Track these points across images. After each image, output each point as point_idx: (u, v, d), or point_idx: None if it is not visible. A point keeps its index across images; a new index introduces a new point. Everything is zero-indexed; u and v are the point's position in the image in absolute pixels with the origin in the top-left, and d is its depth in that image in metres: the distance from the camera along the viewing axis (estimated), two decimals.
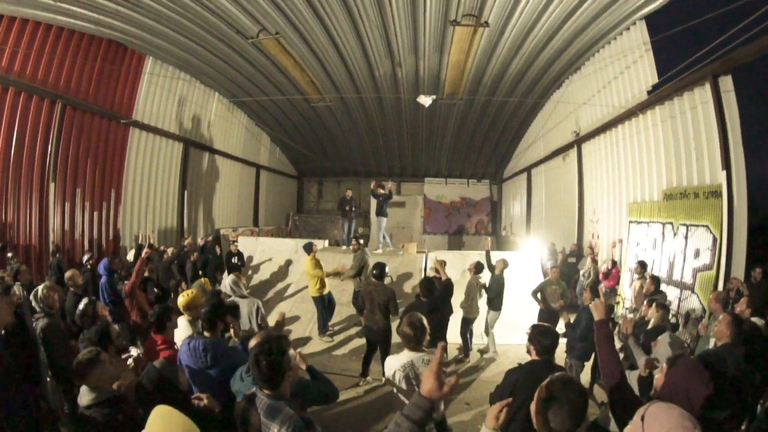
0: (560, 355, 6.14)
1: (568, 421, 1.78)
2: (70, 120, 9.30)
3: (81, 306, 4.42)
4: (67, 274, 5.75)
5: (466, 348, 7.69)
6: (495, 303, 7.70)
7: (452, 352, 7.69)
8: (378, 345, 6.27)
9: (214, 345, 3.34)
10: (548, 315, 7.05)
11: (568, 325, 5.91)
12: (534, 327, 3.31)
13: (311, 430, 2.10)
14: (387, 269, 6.76)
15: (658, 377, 2.57)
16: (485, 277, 7.90)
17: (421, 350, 3.41)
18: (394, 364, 3.40)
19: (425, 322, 3.46)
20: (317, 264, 8.07)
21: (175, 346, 3.84)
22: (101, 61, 9.75)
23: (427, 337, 3.47)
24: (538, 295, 7.48)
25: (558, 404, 1.79)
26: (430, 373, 1.59)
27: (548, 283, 7.62)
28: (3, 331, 3.28)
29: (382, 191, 11.07)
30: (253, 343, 3.19)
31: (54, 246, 8.90)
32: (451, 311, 6.63)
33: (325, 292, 8.07)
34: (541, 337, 3.15)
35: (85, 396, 2.65)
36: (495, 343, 7.85)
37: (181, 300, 4.45)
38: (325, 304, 8.11)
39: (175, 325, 4.08)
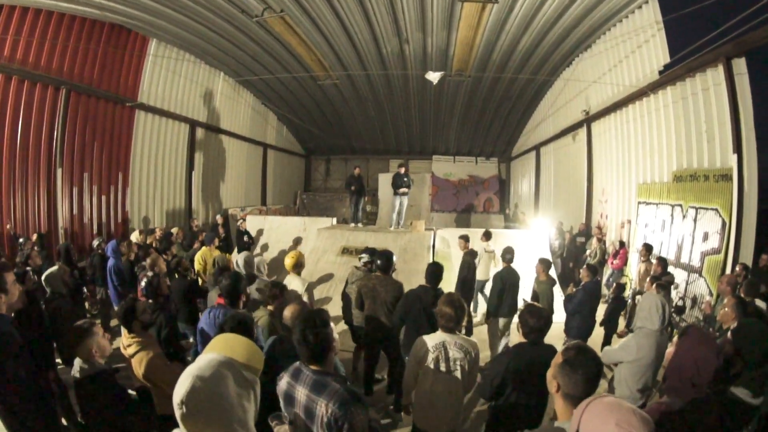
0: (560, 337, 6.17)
1: (581, 386, 1.79)
2: (75, 105, 9.30)
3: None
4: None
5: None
6: (499, 306, 6.22)
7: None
8: (381, 349, 5.22)
9: None
10: None
11: (566, 296, 5.73)
12: (526, 305, 3.21)
13: (359, 404, 2.05)
14: (395, 259, 5.44)
15: (669, 350, 2.53)
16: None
17: (455, 333, 3.27)
18: (427, 343, 3.26)
19: (464, 302, 3.33)
20: None
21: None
22: (104, 45, 9.68)
23: (466, 318, 3.34)
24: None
25: (572, 369, 1.80)
26: None
27: (535, 282, 6.52)
28: (13, 314, 3.34)
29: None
30: (287, 315, 3.31)
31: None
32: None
33: None
34: (529, 316, 3.01)
35: (77, 368, 2.69)
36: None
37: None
38: None
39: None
